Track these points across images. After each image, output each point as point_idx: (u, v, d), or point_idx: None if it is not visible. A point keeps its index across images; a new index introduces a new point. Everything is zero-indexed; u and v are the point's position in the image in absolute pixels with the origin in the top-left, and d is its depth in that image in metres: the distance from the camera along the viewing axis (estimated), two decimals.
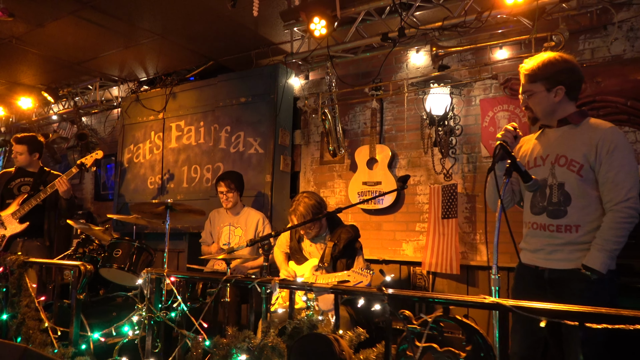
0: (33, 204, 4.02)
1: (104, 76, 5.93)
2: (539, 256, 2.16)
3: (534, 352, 2.14)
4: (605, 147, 2.03)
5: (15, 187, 4.17)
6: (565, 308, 1.18)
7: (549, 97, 2.16)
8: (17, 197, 4.08)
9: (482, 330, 1.31)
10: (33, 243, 4.08)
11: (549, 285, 2.11)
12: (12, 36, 4.72)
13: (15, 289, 2.74)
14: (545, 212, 2.15)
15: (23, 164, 4.26)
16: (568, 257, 2.06)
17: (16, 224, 4.02)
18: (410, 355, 1.30)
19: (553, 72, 2.15)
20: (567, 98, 2.17)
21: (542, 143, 2.26)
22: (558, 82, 2.14)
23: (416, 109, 4.30)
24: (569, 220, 2.08)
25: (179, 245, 5.46)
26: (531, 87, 2.20)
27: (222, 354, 1.69)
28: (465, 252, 3.99)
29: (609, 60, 3.51)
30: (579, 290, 2.00)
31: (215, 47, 4.97)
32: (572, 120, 2.17)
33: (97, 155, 4.44)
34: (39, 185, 4.16)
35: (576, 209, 2.07)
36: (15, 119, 7.47)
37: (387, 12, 3.94)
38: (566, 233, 2.08)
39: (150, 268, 2.31)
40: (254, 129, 4.87)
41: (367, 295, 1.54)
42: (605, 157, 2.03)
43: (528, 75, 2.20)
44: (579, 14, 3.46)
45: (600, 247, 1.97)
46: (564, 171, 2.11)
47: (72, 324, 2.42)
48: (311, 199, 3.18)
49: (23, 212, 4.01)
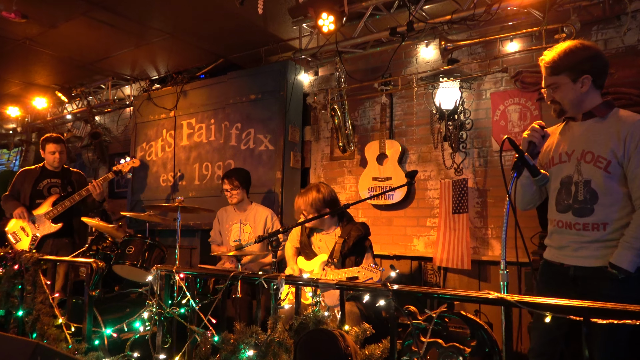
0: (67, 205, 4.17)
1: (116, 75, 6.01)
2: (564, 253, 2.10)
3: (551, 349, 2.11)
4: (634, 141, 1.94)
5: (45, 189, 4.31)
6: (570, 303, 1.17)
7: (576, 88, 2.07)
8: (48, 198, 4.22)
9: (487, 326, 1.31)
10: (62, 241, 4.22)
11: (574, 282, 2.06)
12: (26, 37, 4.80)
13: (30, 285, 2.80)
14: (571, 210, 2.08)
15: (61, 163, 4.40)
16: (594, 254, 2.00)
17: (49, 224, 4.15)
18: (415, 350, 1.30)
19: (576, 61, 2.06)
20: (593, 87, 2.07)
21: (567, 138, 2.18)
22: (583, 72, 2.04)
23: (426, 103, 4.27)
24: (595, 219, 2.01)
25: (191, 242, 5.52)
26: (556, 79, 2.10)
27: (229, 349, 1.71)
28: (476, 247, 3.96)
29: (622, 51, 3.45)
30: (605, 289, 1.94)
31: (224, 45, 4.99)
32: (597, 113, 2.08)
33: (134, 163, 4.69)
34: (66, 185, 4.34)
35: (603, 206, 2.00)
36: (30, 119, 7.62)
37: (396, 6, 3.92)
38: (593, 231, 2.01)
39: (160, 265, 2.34)
40: (264, 125, 4.89)
41: (371, 291, 1.55)
42: (634, 152, 1.94)
43: (550, 67, 2.11)
44: (591, 5, 3.40)
45: (628, 245, 1.90)
46: (591, 168, 2.04)
47: (85, 320, 2.47)
48: (321, 192, 3.16)
49: (57, 212, 4.15)
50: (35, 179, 4.30)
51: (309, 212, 3.13)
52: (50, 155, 4.33)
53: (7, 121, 8.00)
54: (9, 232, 4.19)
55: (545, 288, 2.19)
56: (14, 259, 2.88)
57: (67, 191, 4.33)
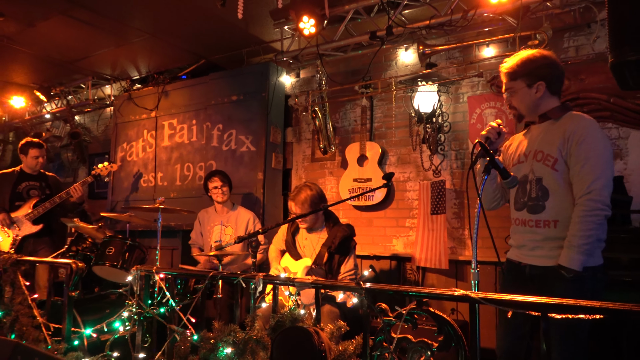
0: (47, 207, 4.29)
1: (96, 75, 5.96)
2: (522, 252, 2.17)
3: (518, 346, 2.16)
4: (575, 139, 2.02)
5: (24, 191, 4.41)
6: (529, 299, 1.24)
7: (531, 93, 2.16)
8: (28, 200, 4.32)
9: (454, 322, 1.37)
10: (42, 240, 4.32)
11: (531, 281, 2.12)
12: (3, 36, 4.74)
13: (8, 286, 2.78)
14: (526, 208, 2.16)
15: (42, 167, 4.52)
16: (548, 254, 2.05)
17: (30, 225, 4.25)
18: (386, 346, 1.36)
19: (532, 68, 2.15)
20: (548, 93, 2.17)
21: (527, 140, 2.27)
22: (538, 78, 2.14)
23: (405, 106, 4.35)
24: (547, 215, 2.08)
25: (172, 242, 5.51)
26: (512, 84, 2.21)
27: (208, 347, 1.75)
28: (454, 247, 4.06)
29: (592, 57, 3.57)
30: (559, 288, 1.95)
31: (206, 46, 5.00)
32: (551, 115, 2.17)
33: (112, 168, 4.83)
34: (45, 188, 4.47)
35: (554, 203, 2.07)
36: (8, 118, 7.49)
37: (376, 10, 3.99)
38: (545, 228, 2.08)
39: (140, 265, 2.36)
40: (246, 126, 4.92)
41: (346, 289, 1.60)
42: (574, 150, 2.01)
43: (508, 73, 2.22)
44: (563, 12, 3.52)
45: (568, 244, 1.96)
46: (541, 166, 2.12)
47: (65, 321, 2.47)
48: (313, 189, 3.23)
49: (37, 214, 4.26)
50: (14, 182, 4.39)
51: (303, 211, 3.17)
52: (33, 160, 4.42)
53: None
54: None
55: (509, 286, 2.26)
56: None
57: (45, 193, 4.44)
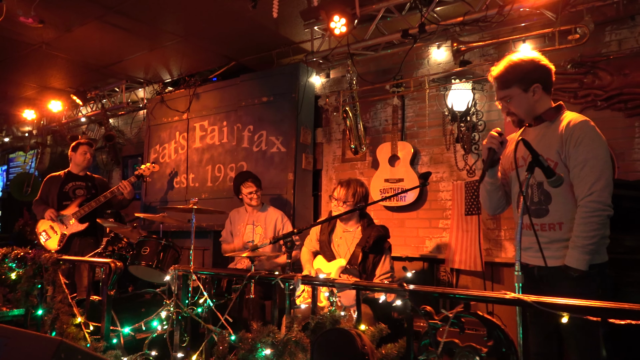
0: (94, 206, 4.45)
1: (129, 78, 6.09)
2: (528, 254, 2.17)
3: (548, 347, 2.16)
4: (572, 142, 2.04)
5: (71, 190, 4.58)
6: (587, 304, 1.18)
7: (528, 97, 2.17)
8: (75, 200, 4.48)
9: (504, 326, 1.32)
10: (87, 241, 4.46)
11: (541, 281, 2.13)
12: (42, 42, 4.89)
13: (49, 285, 2.85)
14: (529, 212, 2.16)
15: (89, 164, 4.73)
16: (554, 254, 2.06)
17: (76, 224, 4.40)
18: (432, 350, 1.32)
19: (524, 72, 2.16)
20: (544, 93, 2.18)
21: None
22: (533, 81, 2.15)
23: (438, 105, 4.27)
24: (551, 219, 2.10)
25: (204, 243, 5.57)
26: (508, 92, 2.21)
27: (247, 348, 1.73)
28: (489, 248, 3.95)
29: (637, 51, 3.42)
30: (566, 287, 2.00)
31: (236, 48, 5.04)
32: (546, 117, 2.18)
33: (154, 168, 5.08)
34: (90, 188, 4.64)
35: (557, 206, 2.09)
36: (45, 122, 7.73)
37: (407, 8, 3.93)
38: (550, 231, 2.10)
39: (177, 265, 2.37)
40: (276, 127, 4.92)
41: (388, 291, 1.56)
42: (572, 152, 2.04)
43: (501, 82, 2.22)
44: (605, 5, 3.37)
45: (573, 245, 1.98)
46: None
47: (104, 319, 2.51)
48: (364, 187, 3.30)
49: (84, 212, 4.42)
50: (61, 182, 4.57)
51: (348, 203, 3.20)
52: (81, 156, 4.64)
53: (23, 124, 8.13)
54: (39, 232, 4.46)
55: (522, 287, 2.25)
56: (33, 259, 2.94)
57: (91, 193, 4.60)
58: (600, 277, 2.00)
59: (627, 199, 2.85)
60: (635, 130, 3.40)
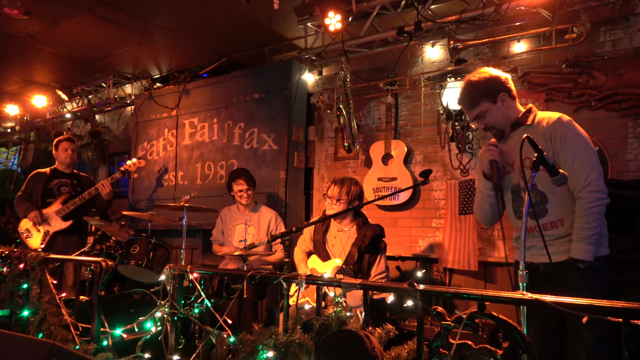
0: (77, 203, 4.36)
1: (117, 74, 5.95)
2: (532, 253, 2.19)
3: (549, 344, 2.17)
4: (557, 138, 2.10)
5: (55, 187, 4.48)
6: (608, 304, 1.15)
7: (499, 107, 2.24)
8: (59, 197, 4.39)
9: (520, 328, 1.28)
10: (71, 239, 4.37)
11: (545, 279, 2.15)
12: (27, 34, 4.74)
13: (36, 285, 2.75)
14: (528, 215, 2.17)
15: (73, 161, 4.62)
16: (559, 249, 2.10)
17: (60, 222, 4.31)
18: (444, 352, 1.28)
19: (487, 86, 2.24)
20: (511, 100, 2.27)
21: (506, 149, 2.33)
22: (497, 91, 2.23)
23: (432, 103, 4.25)
24: (551, 217, 2.14)
25: (193, 242, 5.47)
26: (479, 109, 2.26)
27: (248, 350, 1.68)
28: (482, 248, 3.95)
29: (631, 51, 3.44)
30: (574, 280, 2.04)
31: (228, 44, 4.96)
32: (522, 121, 2.25)
33: (140, 164, 4.99)
34: (76, 186, 4.54)
35: (554, 204, 2.14)
36: (29, 117, 7.53)
37: (403, 5, 3.90)
38: (553, 229, 2.15)
39: (172, 264, 2.30)
40: (268, 125, 4.86)
41: (398, 291, 1.52)
42: (560, 148, 2.10)
43: (468, 102, 2.29)
44: (600, 5, 3.39)
45: (577, 237, 2.02)
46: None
47: (94, 320, 2.42)
48: (359, 185, 3.29)
49: (67, 210, 4.32)
50: (47, 179, 4.48)
51: (341, 201, 3.16)
52: (63, 152, 4.53)
53: (6, 119, 7.91)
54: (21, 230, 4.35)
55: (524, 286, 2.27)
56: (19, 257, 2.83)
57: (76, 191, 4.50)
58: (606, 269, 2.04)
59: (622, 198, 2.86)
60: (629, 130, 3.42)
